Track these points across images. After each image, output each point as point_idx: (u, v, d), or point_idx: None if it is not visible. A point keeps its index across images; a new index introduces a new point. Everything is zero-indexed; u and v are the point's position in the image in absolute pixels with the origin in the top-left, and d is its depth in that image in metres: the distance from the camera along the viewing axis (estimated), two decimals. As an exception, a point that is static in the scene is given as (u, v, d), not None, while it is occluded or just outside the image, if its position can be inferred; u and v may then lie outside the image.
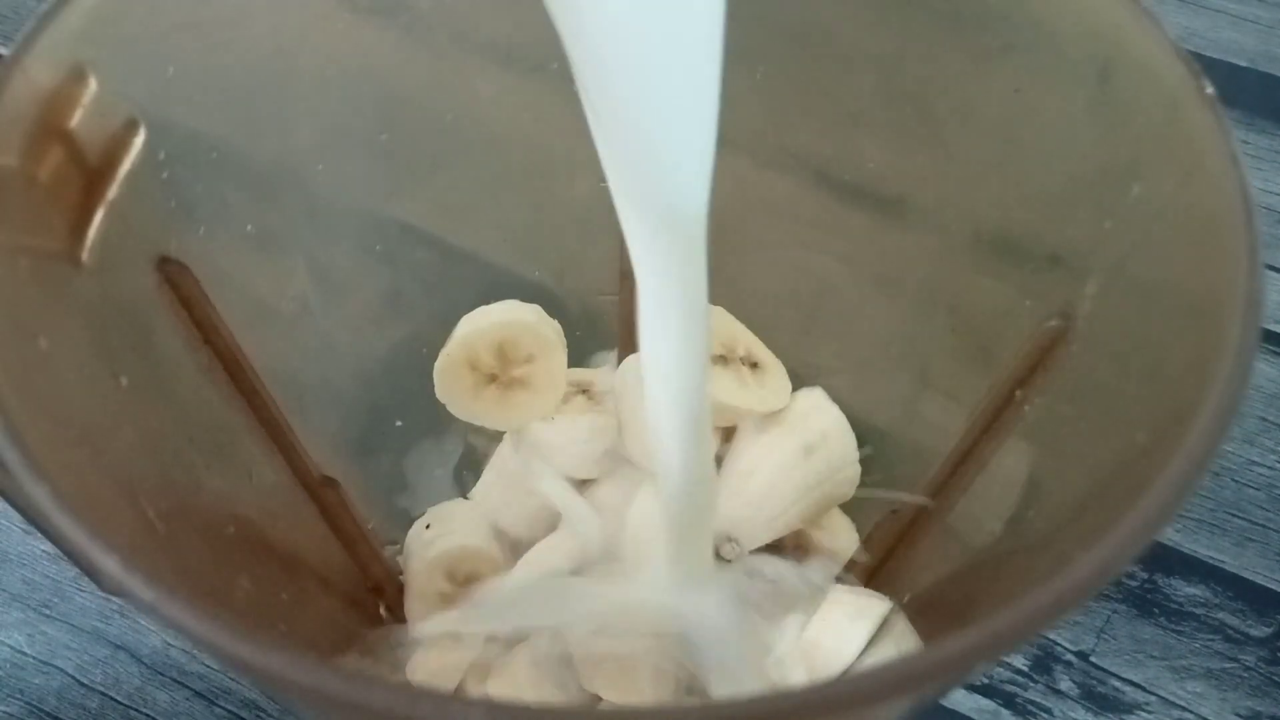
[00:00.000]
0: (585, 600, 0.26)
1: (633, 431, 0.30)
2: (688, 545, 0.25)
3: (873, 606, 0.28)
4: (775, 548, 0.30)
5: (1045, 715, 0.29)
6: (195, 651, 0.30)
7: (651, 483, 0.28)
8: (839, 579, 0.30)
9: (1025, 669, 0.29)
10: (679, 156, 0.18)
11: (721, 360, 0.31)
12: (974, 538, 0.25)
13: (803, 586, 0.29)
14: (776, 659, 0.27)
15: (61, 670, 0.29)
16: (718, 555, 0.29)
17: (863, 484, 0.31)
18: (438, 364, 0.32)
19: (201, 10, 0.22)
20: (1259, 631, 0.30)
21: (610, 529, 0.29)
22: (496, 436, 0.33)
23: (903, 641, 0.27)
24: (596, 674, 0.27)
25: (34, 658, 0.30)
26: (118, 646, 0.30)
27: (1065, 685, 0.29)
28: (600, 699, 0.27)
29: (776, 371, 0.32)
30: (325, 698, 0.13)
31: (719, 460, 0.31)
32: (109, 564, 0.14)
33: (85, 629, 0.30)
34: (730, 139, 0.30)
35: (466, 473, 0.33)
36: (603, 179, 0.32)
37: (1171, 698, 0.29)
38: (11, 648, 0.30)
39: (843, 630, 0.28)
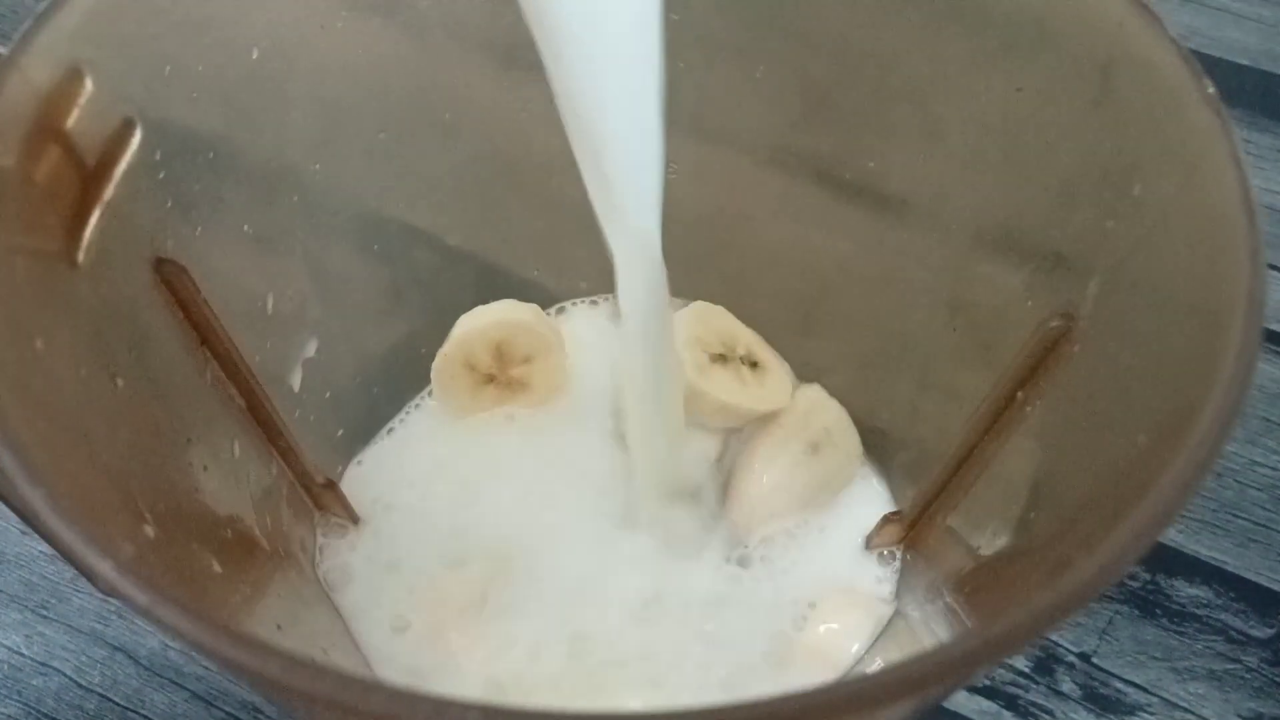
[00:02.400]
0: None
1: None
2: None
3: (875, 608, 0.28)
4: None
5: (1047, 717, 0.28)
6: (193, 653, 0.30)
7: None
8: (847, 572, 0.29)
9: (1027, 670, 0.29)
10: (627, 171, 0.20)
11: (721, 359, 0.31)
12: (976, 539, 0.25)
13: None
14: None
15: (59, 671, 0.29)
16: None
17: (862, 484, 0.31)
18: (435, 364, 0.31)
19: (199, 9, 0.22)
20: (1261, 633, 0.30)
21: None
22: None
23: (906, 643, 0.27)
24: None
25: (31, 659, 0.30)
26: (116, 648, 0.30)
27: (1067, 687, 0.29)
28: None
29: (777, 370, 0.32)
30: (323, 701, 0.13)
31: (722, 462, 0.31)
32: (104, 567, 0.14)
33: (83, 630, 0.30)
34: (730, 138, 0.30)
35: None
36: (602, 179, 0.32)
37: (1174, 699, 0.29)
38: (9, 649, 0.30)
39: (845, 631, 0.28)
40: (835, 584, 0.29)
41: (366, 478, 0.31)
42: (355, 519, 0.29)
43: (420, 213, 0.31)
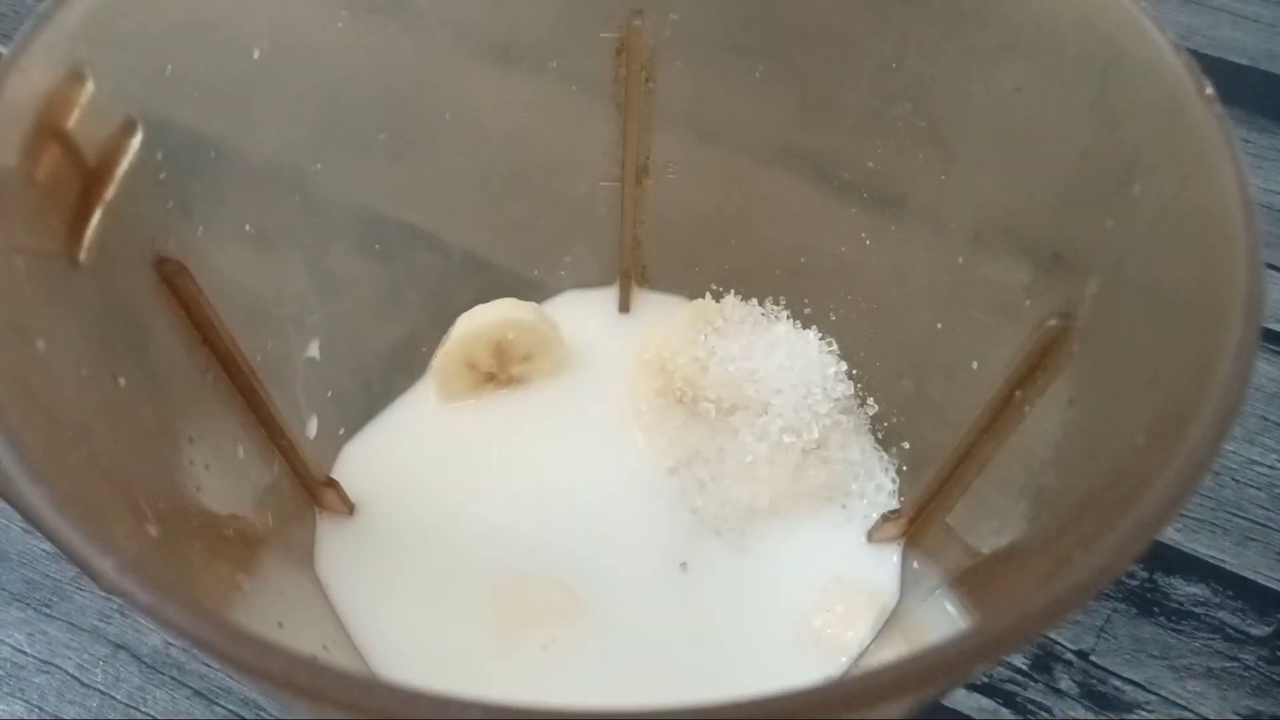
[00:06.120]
0: None
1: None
2: None
3: (877, 600, 0.28)
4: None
5: (1045, 714, 0.29)
6: (194, 651, 0.30)
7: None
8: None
9: (1025, 668, 0.29)
10: None
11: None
12: (975, 537, 0.25)
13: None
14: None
15: (61, 669, 0.29)
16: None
17: (864, 480, 0.31)
18: (435, 362, 0.32)
19: (200, 9, 0.22)
20: (1259, 631, 0.30)
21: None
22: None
23: (906, 638, 0.27)
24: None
25: (34, 657, 0.30)
26: (118, 645, 0.30)
27: (1065, 684, 0.29)
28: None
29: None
30: (324, 698, 0.13)
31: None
32: (107, 565, 0.14)
33: (85, 628, 0.30)
34: (730, 138, 0.30)
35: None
36: (602, 178, 0.32)
37: (1171, 697, 0.29)
38: (11, 647, 0.30)
39: (847, 622, 0.28)
40: (837, 577, 0.29)
41: (363, 468, 0.31)
42: (351, 509, 0.30)
43: (420, 212, 0.31)
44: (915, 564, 0.28)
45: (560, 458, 0.31)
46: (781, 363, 0.31)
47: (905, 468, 0.30)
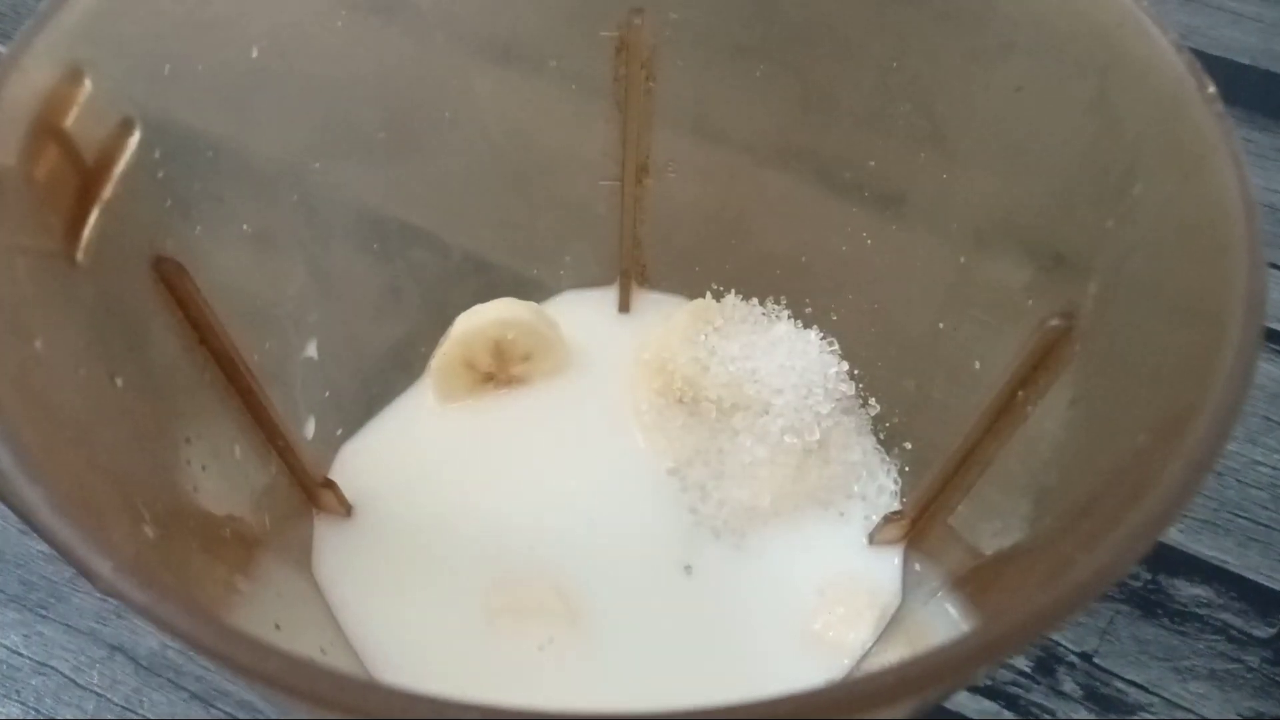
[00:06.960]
0: None
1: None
2: None
3: (879, 602, 0.28)
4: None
5: (1048, 717, 0.28)
6: (191, 653, 0.29)
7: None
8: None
9: (1028, 670, 0.29)
10: None
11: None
12: (977, 539, 0.25)
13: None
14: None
15: (57, 671, 0.29)
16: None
17: (866, 481, 0.31)
18: (434, 362, 0.31)
19: (199, 9, 0.22)
20: (1262, 632, 0.30)
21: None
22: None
23: (909, 640, 0.27)
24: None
25: (30, 658, 0.30)
26: (114, 647, 0.30)
27: (1068, 686, 0.29)
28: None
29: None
30: (321, 701, 0.13)
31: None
32: (104, 567, 0.14)
33: (82, 630, 0.30)
34: (731, 137, 0.30)
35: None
36: (602, 178, 0.32)
37: (1175, 699, 0.29)
38: (7, 648, 0.30)
39: (850, 624, 0.28)
40: (839, 578, 0.29)
41: (360, 469, 0.31)
42: (349, 510, 0.29)
43: (420, 212, 0.31)
44: (917, 565, 0.28)
45: (560, 458, 0.31)
46: (782, 363, 0.31)
47: (907, 468, 0.30)
